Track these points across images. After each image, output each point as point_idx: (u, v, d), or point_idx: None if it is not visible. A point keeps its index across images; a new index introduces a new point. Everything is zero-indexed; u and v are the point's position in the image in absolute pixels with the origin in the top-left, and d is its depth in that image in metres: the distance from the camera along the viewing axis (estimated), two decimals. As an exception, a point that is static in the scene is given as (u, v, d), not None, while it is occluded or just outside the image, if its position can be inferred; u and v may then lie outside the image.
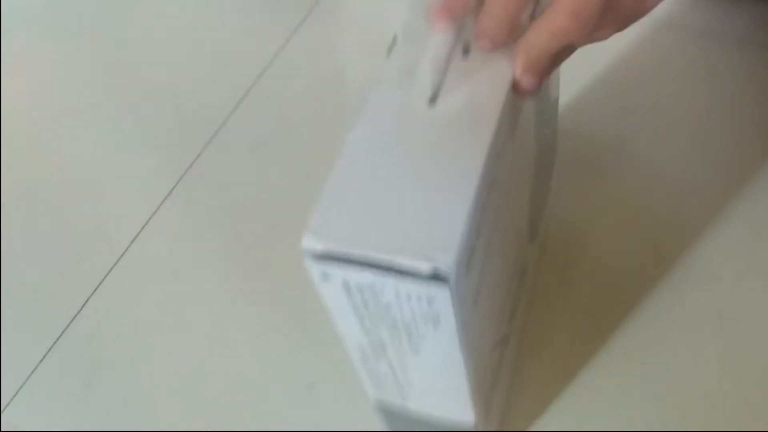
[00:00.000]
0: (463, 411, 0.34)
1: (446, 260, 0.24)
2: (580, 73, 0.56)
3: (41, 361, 0.50)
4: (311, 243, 0.25)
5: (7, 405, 0.49)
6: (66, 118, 0.63)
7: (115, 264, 0.53)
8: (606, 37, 0.32)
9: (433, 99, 0.28)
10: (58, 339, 0.51)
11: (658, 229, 0.48)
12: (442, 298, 0.25)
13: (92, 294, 0.52)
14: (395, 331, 0.28)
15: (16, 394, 0.49)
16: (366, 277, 0.25)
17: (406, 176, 0.26)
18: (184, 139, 0.59)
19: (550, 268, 0.47)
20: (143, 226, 0.55)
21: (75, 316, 0.51)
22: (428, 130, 0.28)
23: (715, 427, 0.41)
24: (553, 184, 0.48)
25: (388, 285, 0.25)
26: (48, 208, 0.58)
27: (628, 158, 0.52)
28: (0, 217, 0.57)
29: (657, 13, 0.36)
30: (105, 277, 0.53)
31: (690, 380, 0.42)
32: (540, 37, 0.30)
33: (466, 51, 0.30)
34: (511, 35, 0.30)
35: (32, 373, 0.50)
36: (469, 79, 0.29)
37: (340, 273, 0.26)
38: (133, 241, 0.54)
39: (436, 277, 0.24)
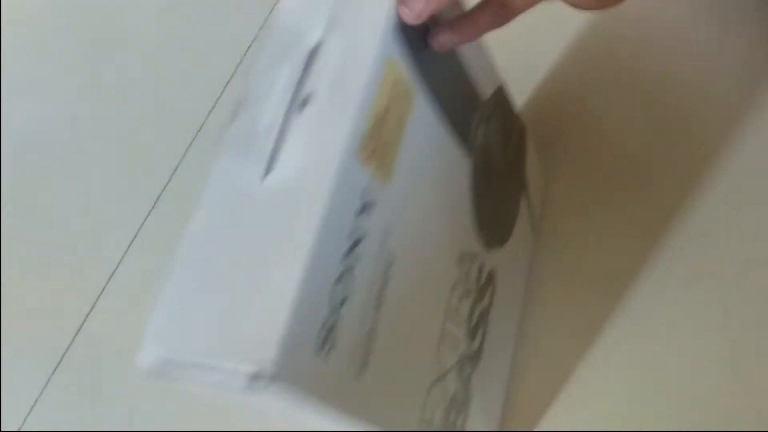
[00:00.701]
0: None
1: (265, 359, 0.23)
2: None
3: (44, 388, 0.50)
4: (145, 352, 0.25)
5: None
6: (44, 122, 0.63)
7: (108, 282, 0.53)
8: None
9: (267, 170, 0.27)
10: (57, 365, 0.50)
11: (661, 225, 0.46)
12: (282, 393, 0.24)
13: (87, 316, 0.52)
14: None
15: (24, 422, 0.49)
16: (203, 379, 0.25)
17: (239, 268, 0.26)
18: (167, 139, 0.58)
19: (547, 265, 0.46)
20: (131, 242, 0.54)
21: (71, 342, 0.51)
22: (260, 210, 0.26)
23: (720, 427, 0.40)
24: (531, 171, 0.46)
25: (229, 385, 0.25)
26: (30, 223, 0.57)
27: (627, 122, 0.49)
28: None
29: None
30: (98, 299, 0.53)
31: (694, 379, 0.41)
32: None
33: (304, 105, 0.28)
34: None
35: (35, 403, 0.50)
36: (306, 140, 0.27)
37: (177, 375, 0.26)
38: (123, 257, 0.54)
39: (258, 377, 0.23)
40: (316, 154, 0.27)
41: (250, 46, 0.59)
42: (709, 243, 0.45)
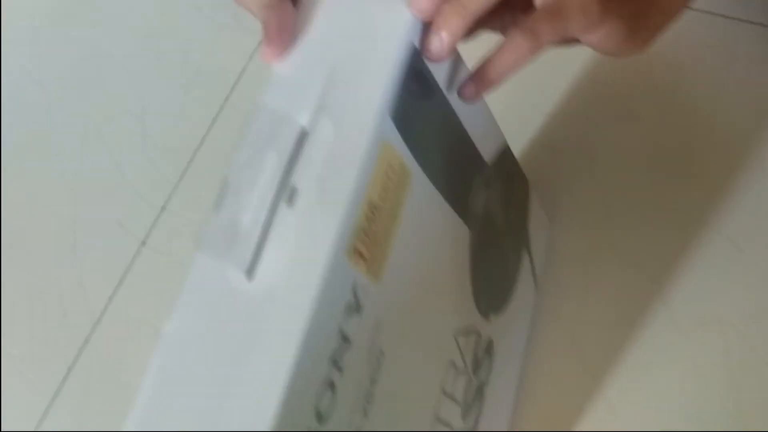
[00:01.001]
0: None
1: None
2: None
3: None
4: None
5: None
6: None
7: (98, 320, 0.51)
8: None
9: (250, 271, 0.25)
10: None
11: (665, 271, 0.45)
12: None
13: (80, 353, 0.50)
14: None
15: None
16: None
17: (219, 377, 0.24)
18: (153, 179, 0.56)
19: (550, 317, 0.45)
20: (120, 282, 0.53)
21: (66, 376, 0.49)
22: (243, 315, 0.25)
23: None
24: (534, 225, 0.44)
25: None
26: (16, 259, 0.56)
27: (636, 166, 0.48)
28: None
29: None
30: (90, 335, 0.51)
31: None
32: None
33: (291, 198, 0.26)
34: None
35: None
36: (293, 238, 0.25)
37: None
38: (110, 300, 0.52)
39: None
40: (302, 256, 0.25)
41: (237, 80, 0.57)
42: (713, 290, 0.43)
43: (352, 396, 0.27)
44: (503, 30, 0.35)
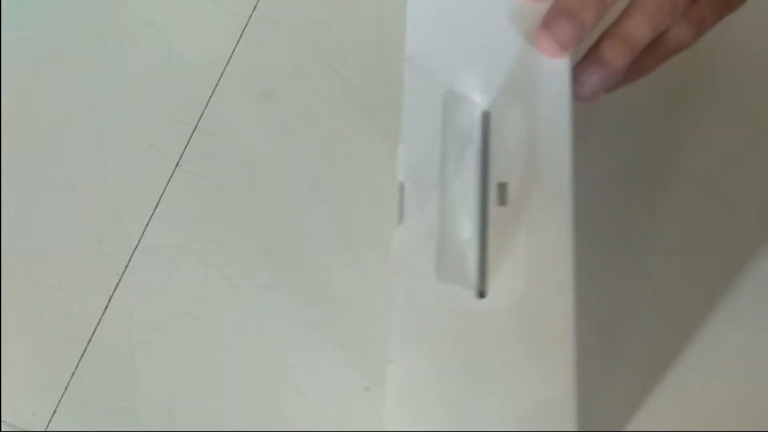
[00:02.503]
0: None
1: None
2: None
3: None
4: None
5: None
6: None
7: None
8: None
9: (482, 290, 0.22)
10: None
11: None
12: None
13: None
14: None
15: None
16: None
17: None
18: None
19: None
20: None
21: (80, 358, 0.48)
22: (490, 336, 0.22)
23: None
24: None
25: None
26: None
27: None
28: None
29: None
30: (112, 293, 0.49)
31: None
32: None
33: (502, 196, 0.23)
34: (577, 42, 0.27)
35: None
36: (522, 243, 0.22)
37: None
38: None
39: None
40: (542, 261, 0.22)
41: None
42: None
43: None
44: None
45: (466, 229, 0.22)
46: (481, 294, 0.23)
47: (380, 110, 0.50)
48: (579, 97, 0.28)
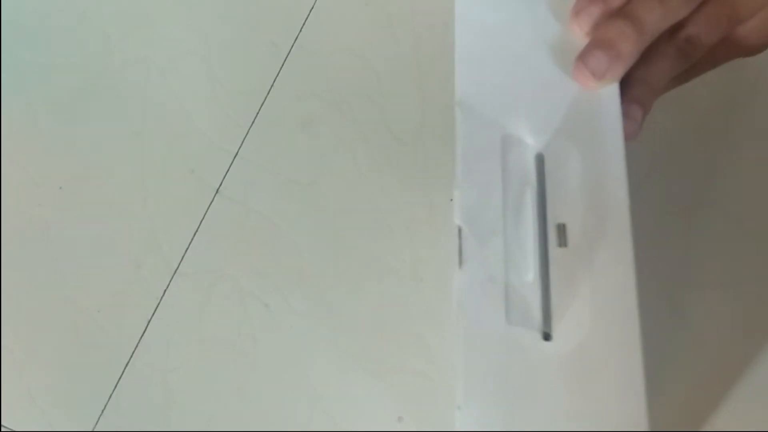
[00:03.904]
0: None
1: None
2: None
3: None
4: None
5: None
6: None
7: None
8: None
9: (547, 333, 0.22)
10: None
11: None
12: None
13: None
14: None
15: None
16: None
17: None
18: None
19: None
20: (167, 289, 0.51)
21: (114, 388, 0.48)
22: (558, 379, 0.22)
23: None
24: None
25: None
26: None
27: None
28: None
29: None
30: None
31: None
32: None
33: (561, 238, 0.23)
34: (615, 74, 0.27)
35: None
36: (580, 287, 0.22)
37: None
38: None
39: None
40: (606, 303, 0.22)
41: (307, 17, 0.54)
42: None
43: None
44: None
45: (528, 272, 0.22)
46: (546, 336, 0.23)
47: (416, 140, 0.51)
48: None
